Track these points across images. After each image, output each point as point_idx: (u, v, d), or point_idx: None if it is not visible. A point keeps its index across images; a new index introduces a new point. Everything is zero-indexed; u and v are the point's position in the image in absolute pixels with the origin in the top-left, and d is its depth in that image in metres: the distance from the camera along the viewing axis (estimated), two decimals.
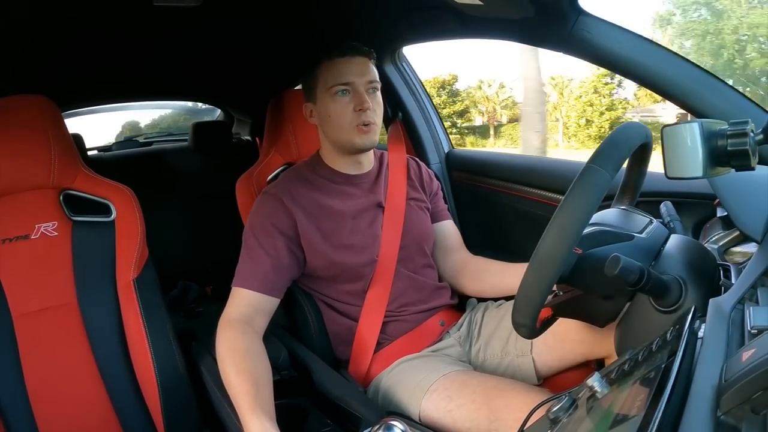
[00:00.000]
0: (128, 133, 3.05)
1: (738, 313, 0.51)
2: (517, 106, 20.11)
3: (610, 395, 0.50)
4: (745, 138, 0.57)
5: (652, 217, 0.78)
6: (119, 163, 2.33)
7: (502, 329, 1.12)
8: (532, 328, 0.67)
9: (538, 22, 1.04)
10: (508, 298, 1.18)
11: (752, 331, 0.46)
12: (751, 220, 0.67)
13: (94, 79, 1.91)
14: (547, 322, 0.78)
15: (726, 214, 0.76)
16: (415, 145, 1.66)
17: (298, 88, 1.24)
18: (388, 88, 1.60)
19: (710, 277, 0.67)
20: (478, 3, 1.05)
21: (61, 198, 1.10)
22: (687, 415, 0.40)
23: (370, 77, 1.09)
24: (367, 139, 1.09)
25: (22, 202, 1.08)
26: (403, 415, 0.97)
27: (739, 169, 0.59)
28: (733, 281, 0.63)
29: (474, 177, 1.58)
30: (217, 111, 2.93)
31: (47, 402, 1.04)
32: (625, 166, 0.81)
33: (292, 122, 1.34)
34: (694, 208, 1.02)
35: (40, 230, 1.07)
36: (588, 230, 0.72)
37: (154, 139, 2.87)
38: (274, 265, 1.04)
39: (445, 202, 1.32)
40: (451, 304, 1.22)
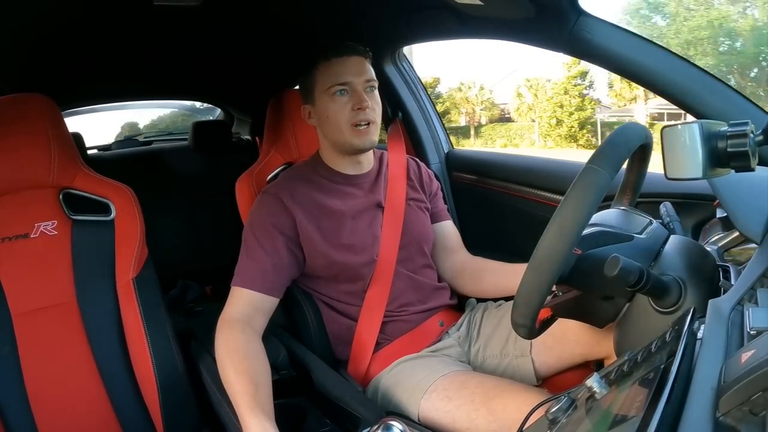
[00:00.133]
0: (127, 134, 3.04)
1: (737, 314, 0.51)
2: (496, 107, 21.01)
3: (609, 396, 0.50)
4: (745, 139, 0.57)
5: (651, 218, 0.78)
6: (119, 162, 2.33)
7: (501, 329, 1.12)
8: (532, 329, 0.67)
9: (538, 23, 1.04)
10: (508, 299, 1.18)
11: (751, 332, 0.46)
12: (751, 221, 0.66)
13: (94, 79, 1.91)
14: (547, 323, 0.78)
15: (725, 215, 0.76)
16: (415, 145, 1.66)
17: (298, 87, 1.24)
18: (388, 88, 1.60)
19: (710, 278, 0.67)
20: (478, 3, 1.05)
21: (61, 197, 1.10)
22: (686, 416, 0.40)
23: (368, 76, 1.09)
24: (367, 140, 1.09)
25: (22, 201, 1.08)
26: (402, 415, 0.97)
27: (738, 170, 0.59)
28: (733, 282, 0.63)
29: (474, 177, 1.58)
30: (217, 111, 2.93)
31: (46, 401, 1.04)
32: (625, 166, 0.81)
33: (292, 122, 1.34)
34: (694, 209, 1.02)
35: (40, 229, 1.07)
36: (587, 231, 0.72)
37: (154, 139, 2.86)
38: (274, 265, 1.04)
39: (445, 203, 1.32)
40: (451, 304, 1.22)
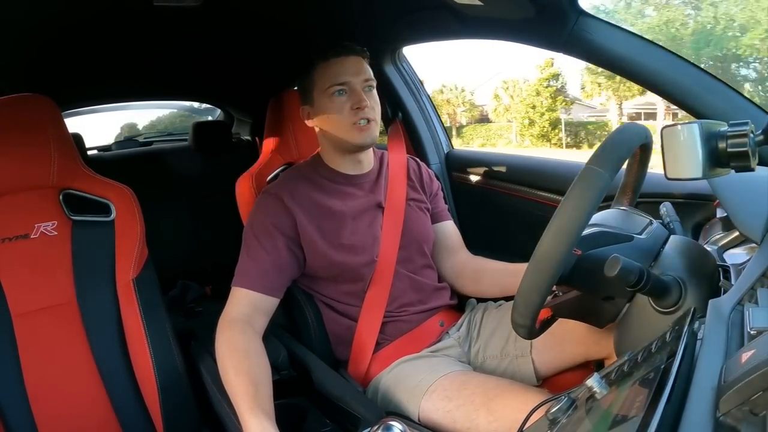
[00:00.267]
0: (126, 134, 3.04)
1: (737, 314, 0.51)
2: (476, 108, 21.96)
3: (610, 396, 0.50)
4: (745, 139, 0.57)
5: (651, 218, 0.78)
6: (119, 162, 2.32)
7: (501, 330, 1.12)
8: (532, 329, 0.67)
9: (538, 23, 1.04)
10: (508, 299, 1.18)
11: (752, 332, 0.46)
12: (751, 221, 0.67)
13: (95, 79, 1.91)
14: (547, 323, 0.78)
15: (726, 215, 0.76)
16: (415, 145, 1.66)
17: (297, 88, 1.24)
18: (388, 88, 1.60)
19: (710, 277, 0.67)
20: (478, 3, 1.05)
21: (61, 197, 1.10)
22: (686, 416, 0.40)
23: (366, 76, 1.09)
24: (367, 136, 1.09)
25: (22, 201, 1.08)
26: (403, 416, 0.97)
27: (738, 170, 0.59)
28: (733, 282, 0.63)
29: (474, 177, 1.58)
30: (216, 111, 2.93)
31: (46, 401, 1.04)
32: (625, 166, 0.81)
33: (292, 122, 1.34)
34: (694, 209, 1.02)
35: (40, 230, 1.07)
36: (588, 231, 0.72)
37: (154, 139, 2.86)
38: (274, 265, 1.04)
39: (445, 203, 1.32)
40: (451, 304, 1.21)
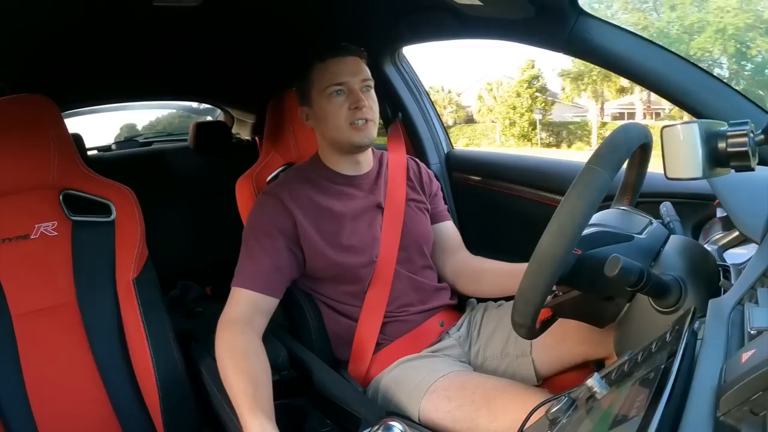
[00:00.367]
0: (126, 135, 3.05)
1: (738, 313, 0.51)
2: (463, 109, 22.47)
3: (610, 396, 0.50)
4: (745, 138, 0.57)
5: (651, 218, 0.78)
6: (119, 163, 2.33)
7: (501, 330, 1.12)
8: (532, 329, 0.67)
9: (538, 23, 1.04)
10: (508, 299, 1.18)
11: (752, 332, 0.45)
12: (751, 220, 0.66)
13: (95, 80, 1.91)
14: (547, 323, 0.78)
15: (726, 214, 0.76)
16: (415, 146, 1.66)
17: (295, 89, 1.23)
18: (388, 88, 1.59)
19: (710, 277, 0.67)
20: (478, 3, 1.05)
21: (61, 198, 1.10)
22: (686, 415, 0.39)
23: (364, 76, 1.10)
24: (365, 136, 1.09)
25: (22, 201, 1.08)
26: (403, 416, 0.97)
27: (738, 169, 0.59)
28: (733, 282, 0.63)
29: (474, 177, 1.58)
30: (216, 111, 2.93)
31: (46, 401, 1.04)
32: (625, 166, 0.81)
33: (292, 122, 1.34)
34: (694, 209, 1.02)
35: (40, 230, 1.07)
36: (587, 231, 0.72)
37: (153, 139, 2.87)
38: (274, 265, 1.04)
39: (445, 203, 1.32)
40: (451, 304, 1.21)
